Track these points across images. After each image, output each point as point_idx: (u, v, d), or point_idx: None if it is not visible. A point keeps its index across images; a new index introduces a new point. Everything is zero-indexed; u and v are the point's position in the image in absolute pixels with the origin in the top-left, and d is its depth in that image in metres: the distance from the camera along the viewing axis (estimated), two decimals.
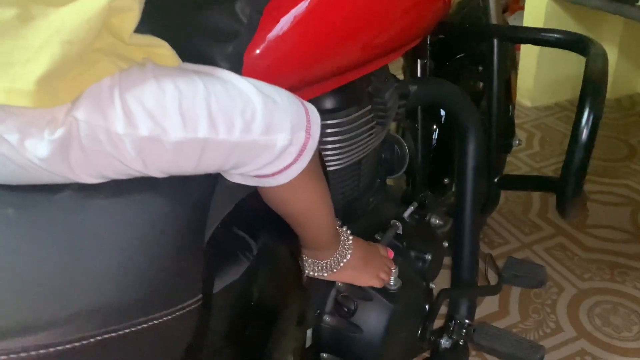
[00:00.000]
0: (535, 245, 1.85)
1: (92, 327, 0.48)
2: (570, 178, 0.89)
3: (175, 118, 0.52)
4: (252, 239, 0.67)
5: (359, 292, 0.91)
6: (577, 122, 0.85)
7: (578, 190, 0.90)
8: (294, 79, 0.75)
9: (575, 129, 0.85)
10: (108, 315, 0.49)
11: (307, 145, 0.59)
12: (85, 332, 0.47)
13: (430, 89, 1.09)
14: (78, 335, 0.47)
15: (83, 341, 0.47)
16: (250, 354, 0.63)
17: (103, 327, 0.48)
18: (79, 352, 0.46)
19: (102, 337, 0.48)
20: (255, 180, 0.62)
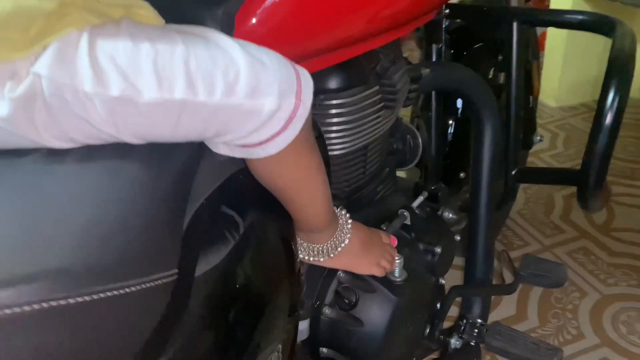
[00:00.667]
0: (557, 247, 1.76)
1: (56, 289, 0.44)
2: (593, 165, 0.82)
3: (149, 77, 0.47)
4: (240, 218, 0.62)
5: (361, 284, 0.86)
6: (601, 105, 0.78)
7: (601, 179, 0.83)
8: (292, 49, 0.70)
9: (599, 112, 0.79)
10: (71, 279, 0.45)
11: (297, 111, 0.54)
12: (49, 294, 0.43)
13: (444, 73, 1.03)
14: (40, 298, 0.43)
15: (44, 304, 0.43)
16: (235, 343, 0.58)
17: (66, 291, 0.44)
18: (42, 315, 0.42)
19: (65, 302, 0.44)
20: (243, 151, 0.57)
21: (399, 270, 0.85)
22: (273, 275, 0.62)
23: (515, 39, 1.08)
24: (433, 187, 1.19)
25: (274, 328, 0.61)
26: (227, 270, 0.59)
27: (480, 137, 1.08)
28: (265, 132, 0.53)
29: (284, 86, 0.52)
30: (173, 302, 0.52)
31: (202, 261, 0.58)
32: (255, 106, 0.51)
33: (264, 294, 0.60)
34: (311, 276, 0.87)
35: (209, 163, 0.66)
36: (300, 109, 0.54)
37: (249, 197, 0.64)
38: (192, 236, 0.58)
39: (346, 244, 0.74)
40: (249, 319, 0.58)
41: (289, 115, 0.53)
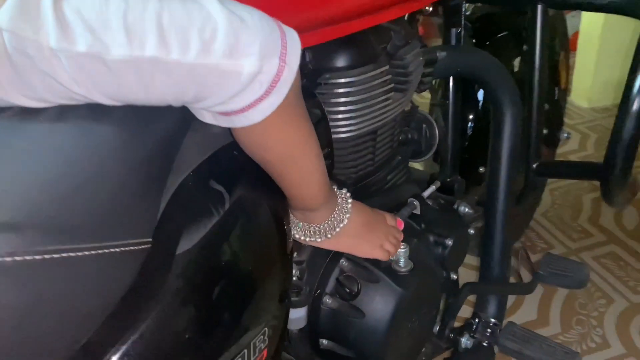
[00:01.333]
0: (584, 252, 1.68)
1: (16, 245, 0.41)
2: (618, 155, 0.76)
3: (118, 32, 0.44)
4: (227, 193, 0.58)
5: (364, 273, 0.81)
6: (627, 90, 0.72)
7: (627, 170, 0.76)
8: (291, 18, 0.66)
9: (625, 98, 0.73)
10: (31, 235, 0.42)
11: (281, 75, 0.50)
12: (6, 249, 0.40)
13: (462, 57, 0.98)
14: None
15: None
16: (216, 322, 0.54)
17: (27, 247, 0.42)
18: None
19: (31, 258, 0.41)
20: (226, 120, 0.53)
21: (404, 260, 0.81)
22: (260, 255, 0.58)
23: (540, 23, 1.02)
24: (449, 179, 1.13)
25: (260, 311, 0.57)
26: (211, 246, 0.55)
27: (499, 126, 1.02)
28: (247, 97, 0.49)
29: (266, 46, 0.48)
30: (145, 273, 0.49)
31: (185, 235, 0.54)
32: (234, 67, 0.47)
33: (249, 273, 0.56)
34: (313, 262, 0.83)
35: (200, 134, 0.62)
36: (285, 72, 0.50)
37: (238, 171, 0.60)
38: (175, 208, 0.55)
39: (345, 224, 0.70)
40: (233, 298, 0.54)
41: (272, 78, 0.49)
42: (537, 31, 1.03)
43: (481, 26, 1.30)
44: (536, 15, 1.02)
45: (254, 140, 0.56)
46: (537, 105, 1.07)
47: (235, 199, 0.58)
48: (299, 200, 0.64)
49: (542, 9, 1.02)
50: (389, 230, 0.78)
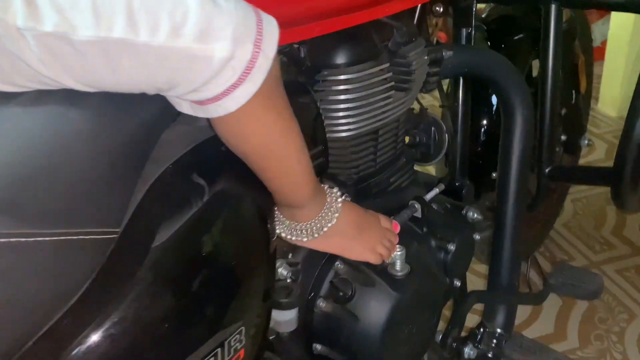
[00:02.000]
0: (606, 265, 1.62)
1: None
2: (629, 156, 0.72)
3: (86, 13, 0.43)
4: (207, 186, 0.56)
5: (359, 276, 0.78)
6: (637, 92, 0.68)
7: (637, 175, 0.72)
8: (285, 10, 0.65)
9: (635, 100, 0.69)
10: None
11: (256, 61, 0.48)
12: None
13: (470, 57, 0.95)
14: None
15: None
16: (190, 317, 0.52)
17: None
18: None
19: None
20: (202, 110, 0.51)
21: (400, 264, 0.78)
22: (238, 251, 0.56)
23: (554, 23, 0.99)
24: (458, 183, 1.10)
25: (236, 309, 0.55)
26: (186, 239, 0.54)
27: (509, 128, 0.99)
28: (220, 84, 0.48)
29: (239, 31, 0.47)
30: (113, 263, 0.47)
31: (161, 227, 0.53)
32: (205, 51, 0.46)
33: (225, 269, 0.55)
34: (309, 264, 0.80)
35: (184, 127, 0.61)
36: (260, 58, 0.48)
37: (221, 165, 0.59)
38: (152, 199, 0.53)
39: (334, 224, 0.67)
40: (207, 294, 0.53)
41: (246, 65, 0.48)
42: (550, 31, 1.00)
43: (496, 28, 1.27)
44: (550, 15, 0.99)
45: (230, 131, 0.54)
46: (550, 108, 1.04)
47: (215, 192, 0.56)
48: (282, 195, 0.62)
49: (556, 8, 0.99)
50: (383, 233, 0.75)
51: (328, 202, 0.67)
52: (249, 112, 0.51)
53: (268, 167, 0.57)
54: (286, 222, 0.67)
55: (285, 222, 0.67)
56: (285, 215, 0.67)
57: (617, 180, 0.78)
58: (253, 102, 0.50)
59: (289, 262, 0.80)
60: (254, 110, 0.51)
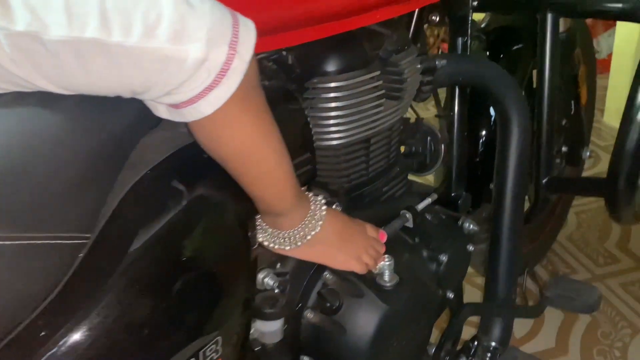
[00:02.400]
0: (610, 278, 1.59)
1: None
2: (621, 169, 0.71)
3: (59, 13, 0.43)
4: (185, 193, 0.56)
5: (348, 287, 0.77)
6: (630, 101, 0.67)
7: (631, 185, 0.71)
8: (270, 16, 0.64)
9: (629, 105, 0.68)
10: None
11: (231, 64, 0.47)
12: None
13: (464, 66, 0.94)
14: None
15: None
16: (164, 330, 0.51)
17: None
18: None
19: None
20: (179, 114, 0.51)
21: (389, 274, 0.76)
22: (215, 259, 0.55)
23: (550, 31, 0.98)
24: (454, 194, 1.09)
25: (212, 318, 0.54)
26: (161, 246, 0.53)
27: (505, 138, 0.97)
28: (194, 86, 0.47)
29: (214, 33, 0.46)
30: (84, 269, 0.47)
31: (136, 233, 0.52)
32: (179, 52, 0.45)
33: (201, 277, 0.54)
34: (297, 274, 0.79)
35: (164, 133, 0.61)
36: (236, 61, 0.48)
37: (200, 171, 0.58)
38: (128, 205, 0.53)
39: (317, 232, 0.66)
40: (181, 302, 0.52)
41: (221, 67, 0.47)
42: (547, 40, 0.99)
43: (496, 38, 1.26)
44: (546, 24, 0.98)
45: (207, 135, 0.53)
46: (548, 118, 1.02)
47: (193, 199, 0.56)
48: (263, 202, 0.61)
49: (552, 18, 0.98)
50: (368, 242, 0.74)
51: (312, 210, 0.66)
52: (225, 115, 0.51)
53: (247, 172, 0.57)
54: (269, 230, 0.66)
55: (268, 230, 0.66)
56: (268, 223, 0.65)
57: (611, 191, 0.76)
58: (229, 105, 0.50)
59: (277, 272, 0.78)
60: (230, 113, 0.51)
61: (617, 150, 0.74)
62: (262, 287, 0.75)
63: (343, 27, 0.72)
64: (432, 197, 0.92)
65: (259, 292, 0.75)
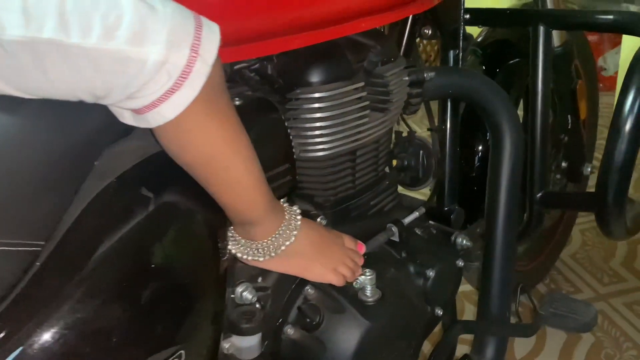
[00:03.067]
0: (614, 298, 1.55)
1: None
2: (610, 182, 0.69)
3: (16, 13, 0.42)
4: (152, 202, 0.55)
5: (329, 302, 0.75)
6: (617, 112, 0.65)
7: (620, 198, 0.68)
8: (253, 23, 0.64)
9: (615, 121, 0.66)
10: None
11: (193, 66, 0.46)
12: None
13: (454, 79, 0.92)
14: None
15: None
16: (119, 341, 0.50)
17: None
18: None
19: None
20: (142, 120, 0.50)
21: (370, 289, 0.74)
22: (181, 270, 0.54)
23: (542, 45, 0.96)
24: (446, 208, 1.07)
25: (176, 330, 0.52)
26: (125, 256, 0.51)
27: (497, 151, 0.95)
28: (156, 89, 0.46)
29: (175, 35, 0.46)
30: (38, 277, 0.45)
31: (97, 242, 0.51)
32: (139, 54, 0.44)
33: (162, 288, 0.52)
34: (279, 289, 0.78)
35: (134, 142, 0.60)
36: (198, 64, 0.47)
37: (168, 180, 0.57)
38: (90, 214, 0.52)
39: (292, 243, 0.65)
40: (138, 313, 0.50)
41: (182, 69, 0.46)
42: (539, 54, 0.97)
43: (492, 52, 1.24)
44: (538, 37, 0.96)
45: (172, 140, 0.52)
46: (541, 131, 1.00)
47: (159, 208, 0.55)
48: (234, 211, 0.60)
49: (544, 31, 0.96)
50: (346, 253, 0.72)
51: (286, 220, 0.64)
52: (189, 120, 0.50)
53: (214, 180, 0.55)
54: (242, 241, 0.64)
55: (241, 240, 0.64)
56: (240, 233, 0.64)
57: (600, 206, 0.74)
58: (193, 109, 0.49)
59: (258, 287, 0.77)
60: (194, 118, 0.50)
61: (605, 163, 0.72)
62: (240, 301, 0.73)
63: (327, 36, 0.71)
64: (420, 210, 0.90)
65: (238, 306, 0.73)
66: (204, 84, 0.48)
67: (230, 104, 0.54)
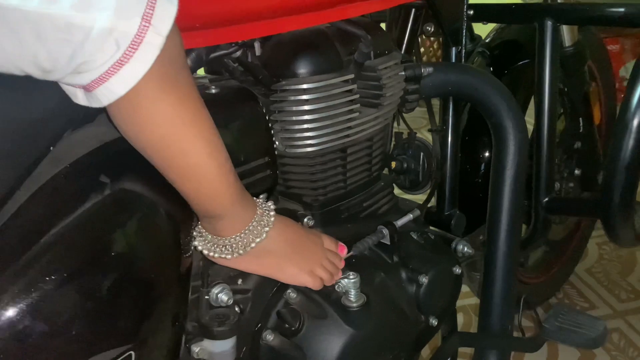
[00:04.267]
0: (632, 315, 1.47)
1: None
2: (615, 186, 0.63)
3: None
4: (106, 190, 0.51)
5: (310, 306, 0.70)
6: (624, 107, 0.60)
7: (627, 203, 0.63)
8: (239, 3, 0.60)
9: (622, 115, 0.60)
10: None
11: (144, 37, 0.43)
12: None
13: (453, 75, 0.87)
14: None
15: None
16: (71, 339, 0.46)
17: None
18: None
19: None
20: (93, 98, 0.46)
21: (354, 293, 0.69)
22: (133, 264, 0.50)
23: (549, 41, 0.91)
24: (446, 213, 1.01)
25: (123, 329, 0.48)
26: (72, 245, 0.48)
27: (500, 153, 0.90)
28: (103, 60, 0.43)
29: (125, 2, 0.42)
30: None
31: (44, 230, 0.47)
32: (84, 21, 0.41)
33: (115, 282, 0.48)
34: (259, 292, 0.73)
35: (96, 128, 0.56)
36: (149, 34, 0.43)
37: (122, 167, 0.53)
38: (39, 199, 0.48)
39: (263, 240, 0.60)
40: (87, 307, 0.46)
41: (131, 39, 0.43)
42: (546, 51, 0.92)
43: (500, 53, 1.19)
44: (545, 33, 0.91)
45: (124, 121, 0.48)
46: (548, 133, 0.95)
47: (113, 197, 0.51)
48: (197, 203, 0.55)
49: (552, 26, 0.91)
50: (324, 254, 0.67)
51: (258, 215, 0.60)
52: (142, 97, 0.46)
53: (172, 165, 0.51)
54: (208, 237, 0.60)
55: (207, 236, 0.60)
56: (207, 228, 0.59)
57: (606, 210, 0.68)
58: (146, 85, 0.45)
59: (237, 289, 0.72)
60: (148, 95, 0.46)
61: (610, 164, 0.66)
62: (216, 303, 0.69)
63: (316, 20, 0.67)
64: (415, 213, 0.85)
65: (213, 308, 0.69)
66: (157, 57, 0.44)
67: (192, 83, 0.50)
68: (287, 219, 0.65)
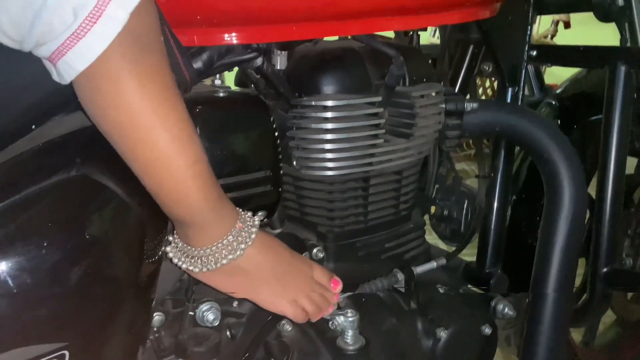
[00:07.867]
0: None
1: None
2: None
3: None
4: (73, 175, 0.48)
5: (302, 342, 0.63)
6: None
7: None
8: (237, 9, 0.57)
9: None
10: None
11: (104, 9, 0.40)
12: None
13: (500, 113, 0.79)
14: None
15: None
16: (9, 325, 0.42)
17: None
18: None
19: None
20: (58, 74, 0.43)
21: (352, 334, 0.61)
22: (81, 255, 0.45)
23: (622, 87, 0.81)
24: (487, 270, 0.90)
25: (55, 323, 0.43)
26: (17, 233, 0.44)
27: (552, 208, 0.79)
28: (61, 29, 0.40)
29: None
30: None
31: None
32: None
33: (54, 269, 0.44)
34: (255, 318, 0.67)
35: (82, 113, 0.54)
36: (112, 6, 0.40)
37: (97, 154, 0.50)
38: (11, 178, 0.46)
39: (239, 256, 0.53)
40: (20, 292, 0.42)
41: (90, 9, 0.40)
42: (616, 99, 0.82)
43: (571, 105, 1.09)
44: (616, 79, 0.81)
45: (86, 100, 0.45)
46: (614, 191, 0.83)
47: (74, 182, 0.48)
48: (160, 202, 0.49)
49: (625, 71, 0.81)
50: (311, 285, 0.58)
51: (236, 229, 0.53)
52: (102, 76, 0.43)
53: (134, 157, 0.46)
54: (179, 244, 0.54)
55: (179, 243, 0.54)
56: (179, 234, 0.54)
57: None
58: (108, 62, 0.42)
59: (231, 312, 0.67)
60: (111, 72, 0.43)
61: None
62: (201, 322, 0.63)
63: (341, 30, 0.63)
64: (440, 261, 0.76)
65: (196, 326, 0.63)
66: (118, 32, 0.41)
67: (163, 71, 0.45)
68: (274, 239, 0.58)
